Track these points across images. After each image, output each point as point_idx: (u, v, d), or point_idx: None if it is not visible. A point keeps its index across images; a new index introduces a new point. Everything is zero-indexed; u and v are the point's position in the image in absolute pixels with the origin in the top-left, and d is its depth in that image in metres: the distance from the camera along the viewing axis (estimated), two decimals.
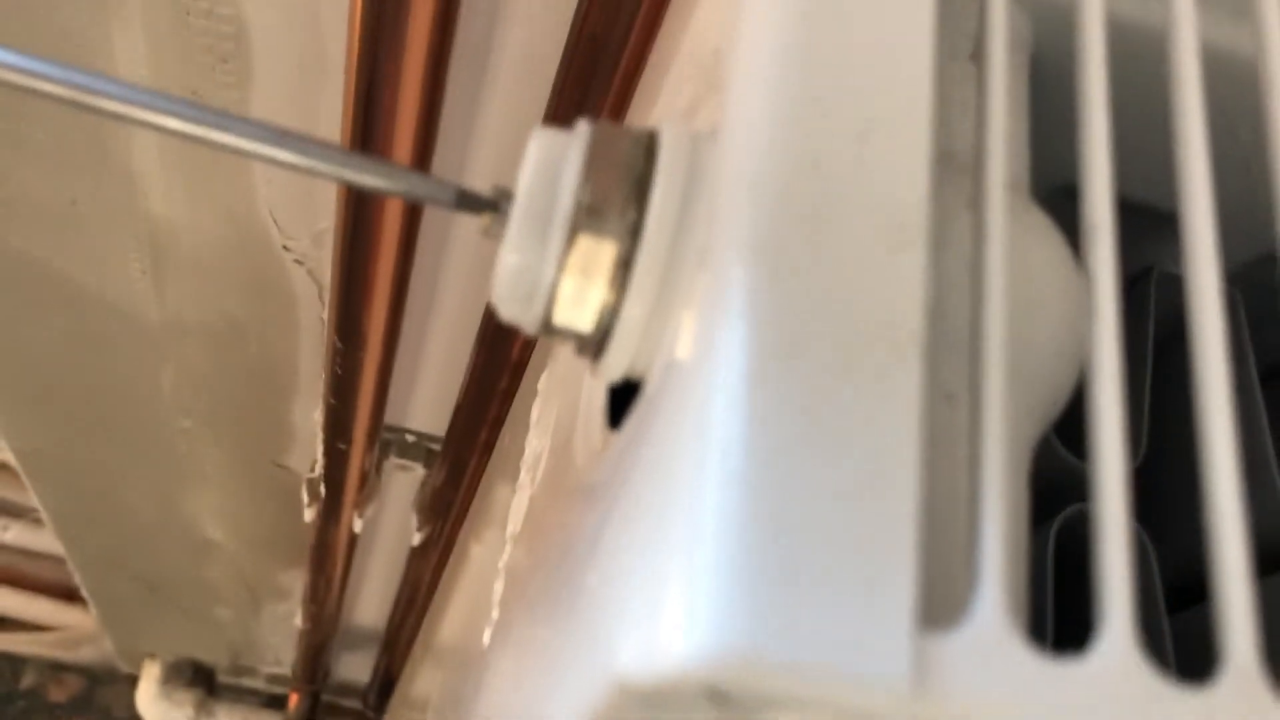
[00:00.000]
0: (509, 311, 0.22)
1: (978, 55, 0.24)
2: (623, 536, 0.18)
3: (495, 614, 0.34)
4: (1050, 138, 0.29)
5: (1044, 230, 0.23)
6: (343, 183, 0.23)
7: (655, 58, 0.40)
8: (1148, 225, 0.32)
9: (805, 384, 0.16)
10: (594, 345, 0.22)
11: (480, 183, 0.58)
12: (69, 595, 1.57)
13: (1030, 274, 0.22)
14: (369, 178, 0.22)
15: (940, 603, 0.16)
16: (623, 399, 0.26)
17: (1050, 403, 0.22)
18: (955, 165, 0.23)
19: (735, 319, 0.17)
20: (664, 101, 0.30)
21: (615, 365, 0.22)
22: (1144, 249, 0.33)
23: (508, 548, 0.35)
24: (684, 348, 0.19)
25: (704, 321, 0.18)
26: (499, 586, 0.35)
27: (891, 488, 0.16)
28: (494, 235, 0.22)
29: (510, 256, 0.21)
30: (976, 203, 0.20)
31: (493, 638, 0.34)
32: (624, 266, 0.21)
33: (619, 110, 0.43)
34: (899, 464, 0.16)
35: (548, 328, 0.22)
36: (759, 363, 0.16)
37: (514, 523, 0.35)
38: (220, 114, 0.22)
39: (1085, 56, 0.23)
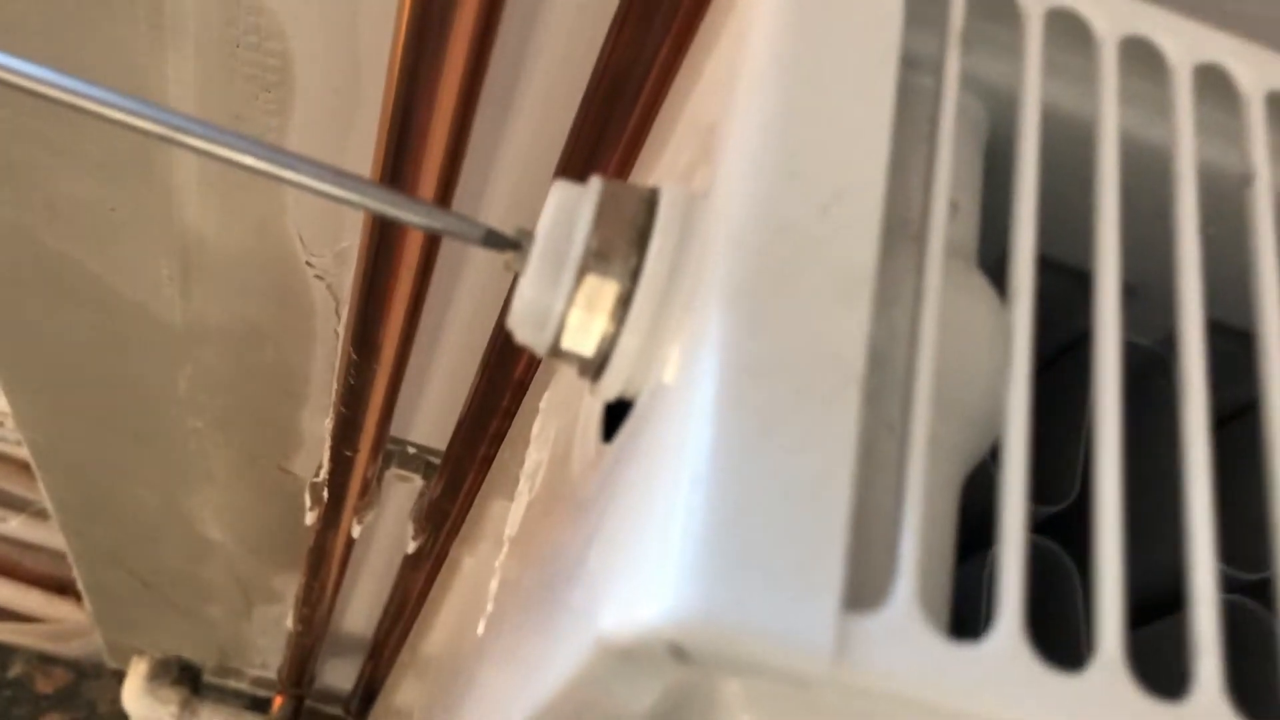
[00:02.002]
0: (523, 335, 0.26)
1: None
2: (611, 529, 0.22)
3: (490, 607, 0.38)
4: (1005, 213, 0.33)
5: (981, 291, 0.26)
6: (387, 218, 0.27)
7: (667, 105, 0.44)
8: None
9: (765, 406, 0.20)
10: (594, 368, 0.26)
11: (497, 206, 0.62)
12: (62, 588, 1.59)
13: (966, 328, 0.25)
14: (410, 215, 0.26)
15: (866, 592, 0.20)
16: (615, 416, 0.30)
17: (981, 436, 0.26)
18: (909, 233, 0.27)
19: (711, 351, 0.21)
20: (668, 157, 0.34)
21: (612, 386, 0.25)
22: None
23: (505, 548, 0.39)
24: (670, 373, 0.23)
25: (686, 352, 0.22)
26: (494, 583, 0.38)
27: (829, 493, 0.19)
28: (514, 269, 0.26)
29: (528, 290, 0.25)
30: (919, 266, 0.24)
31: (487, 628, 0.37)
32: (624, 303, 0.24)
33: (631, 152, 0.47)
34: (837, 474, 0.19)
35: (556, 351, 0.26)
36: (727, 387, 0.20)
37: (511, 526, 0.39)
38: (284, 152, 0.26)
39: (1021, 140, 0.27)
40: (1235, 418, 0.38)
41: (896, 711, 0.19)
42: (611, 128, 0.44)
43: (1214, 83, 0.29)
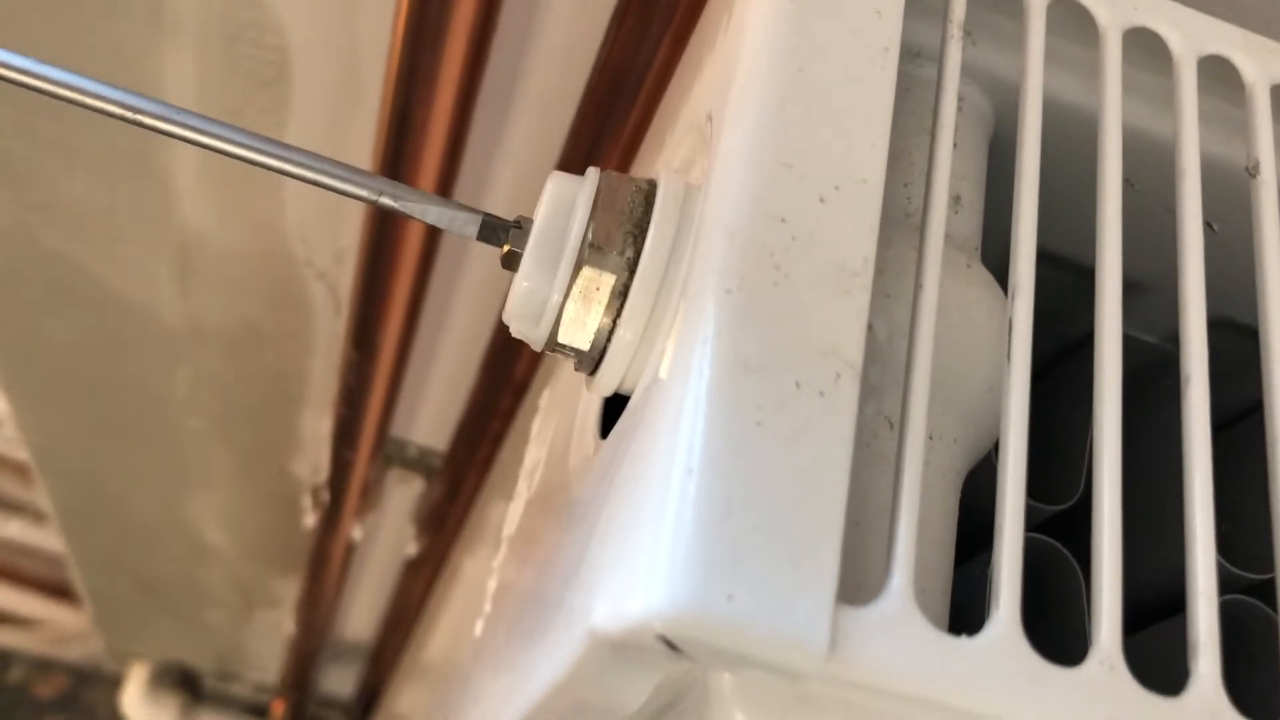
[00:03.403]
0: (519, 329, 0.26)
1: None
2: (606, 523, 0.22)
3: (488, 607, 0.37)
4: (1011, 207, 0.32)
5: (983, 286, 0.26)
6: (382, 208, 0.26)
7: (666, 101, 0.44)
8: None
9: (759, 398, 0.20)
10: (591, 362, 0.25)
11: (496, 204, 0.62)
12: (61, 593, 1.59)
13: (966, 322, 0.25)
14: (405, 204, 0.26)
15: (862, 584, 0.20)
16: (614, 411, 0.30)
17: (982, 431, 0.26)
18: (911, 225, 0.27)
19: (705, 343, 0.20)
20: (667, 152, 0.33)
21: (608, 380, 0.25)
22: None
23: (503, 548, 0.38)
24: (665, 368, 0.23)
25: (681, 345, 0.21)
26: (492, 583, 0.38)
27: (824, 485, 0.19)
28: (510, 267, 0.26)
29: (524, 281, 0.25)
30: (919, 258, 0.23)
31: (484, 628, 0.37)
32: (620, 295, 0.24)
33: (631, 147, 0.46)
34: (832, 466, 0.19)
35: (552, 345, 0.25)
36: (721, 379, 0.20)
37: (510, 525, 0.38)
38: (280, 144, 0.26)
39: (1023, 132, 0.26)
40: (1249, 415, 0.37)
41: (890, 704, 0.19)
42: (611, 123, 0.44)
43: (1218, 73, 0.29)
